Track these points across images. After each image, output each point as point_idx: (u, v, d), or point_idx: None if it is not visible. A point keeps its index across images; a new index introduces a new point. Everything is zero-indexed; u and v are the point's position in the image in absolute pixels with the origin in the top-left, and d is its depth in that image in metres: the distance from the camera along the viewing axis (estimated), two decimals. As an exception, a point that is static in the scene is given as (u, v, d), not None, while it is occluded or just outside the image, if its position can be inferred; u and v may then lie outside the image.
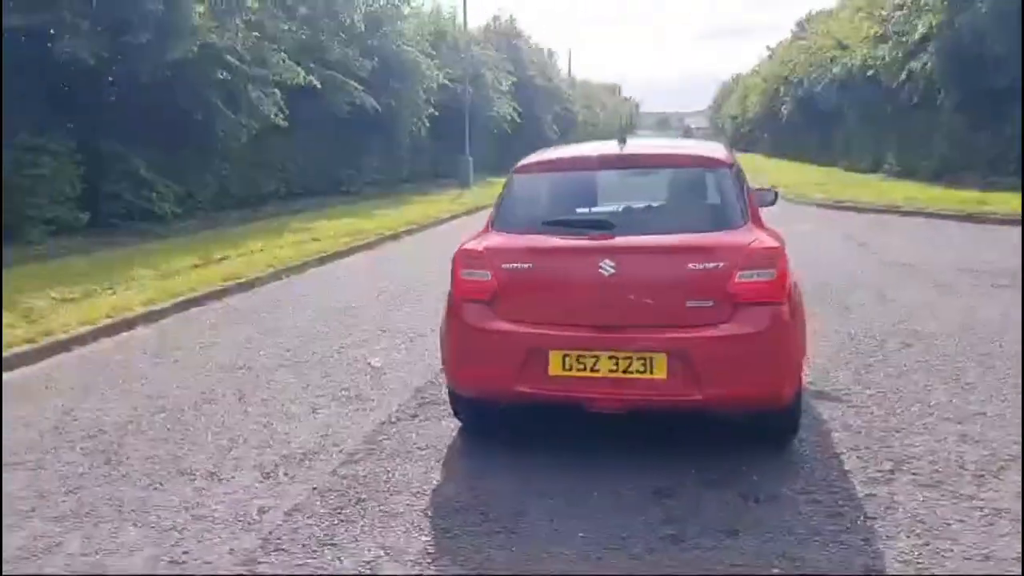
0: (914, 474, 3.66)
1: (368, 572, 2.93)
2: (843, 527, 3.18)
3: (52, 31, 11.12)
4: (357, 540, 3.18)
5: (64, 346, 6.69)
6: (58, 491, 3.77)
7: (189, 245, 11.89)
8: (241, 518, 3.41)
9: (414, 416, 4.64)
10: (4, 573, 2.69)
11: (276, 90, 15.36)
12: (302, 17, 18.47)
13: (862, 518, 3.25)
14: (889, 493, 3.47)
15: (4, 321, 7.14)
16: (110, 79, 12.51)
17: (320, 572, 2.96)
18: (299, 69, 15.68)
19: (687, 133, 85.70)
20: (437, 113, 26.05)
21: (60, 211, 12.37)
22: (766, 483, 3.59)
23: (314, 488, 3.69)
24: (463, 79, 27.24)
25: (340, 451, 4.15)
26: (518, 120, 35.42)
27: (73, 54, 11.15)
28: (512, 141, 33.09)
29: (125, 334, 7.17)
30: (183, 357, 6.23)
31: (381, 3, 22.71)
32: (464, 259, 3.92)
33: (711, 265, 3.59)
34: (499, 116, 33.95)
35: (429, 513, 3.41)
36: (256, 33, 14.44)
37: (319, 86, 16.42)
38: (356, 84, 18.97)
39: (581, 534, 3.17)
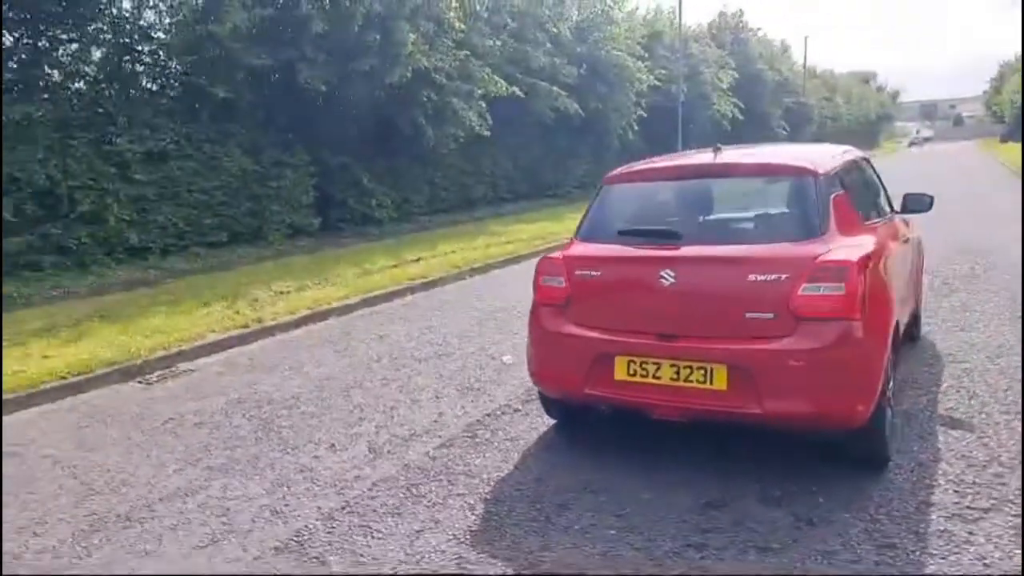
0: (1013, 516, 3.29)
1: (409, 541, 3.36)
2: (887, 558, 3.00)
3: (295, 65, 13.02)
4: (415, 512, 3.62)
5: (269, 331, 7.97)
6: (219, 447, 4.67)
7: (395, 247, 13.27)
8: (337, 483, 4.02)
9: (516, 410, 5.00)
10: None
11: (481, 102, 16.49)
12: (510, 31, 19.55)
13: (917, 553, 3.04)
14: (968, 532, 3.18)
15: (235, 308, 8.67)
16: (338, 102, 14.31)
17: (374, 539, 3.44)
18: (501, 81, 16.69)
19: (913, 143, 75.70)
20: (647, 115, 26.03)
21: (296, 216, 14.43)
22: (830, 506, 3.46)
23: (405, 464, 4.21)
24: (677, 79, 26.93)
25: (441, 435, 4.63)
26: (740, 117, 34.13)
27: (310, 83, 12.98)
28: (732, 139, 31.97)
29: (319, 324, 8.33)
30: (353, 346, 7.14)
31: (590, 13, 23.23)
32: (543, 266, 4.21)
33: (772, 277, 3.53)
34: (719, 114, 33.00)
35: (487, 496, 3.76)
36: (464, 52, 15.63)
37: (522, 95, 17.31)
38: (560, 90, 19.66)
39: (612, 532, 3.33)
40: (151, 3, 12.21)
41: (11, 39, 10.67)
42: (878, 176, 5.30)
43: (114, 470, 4.41)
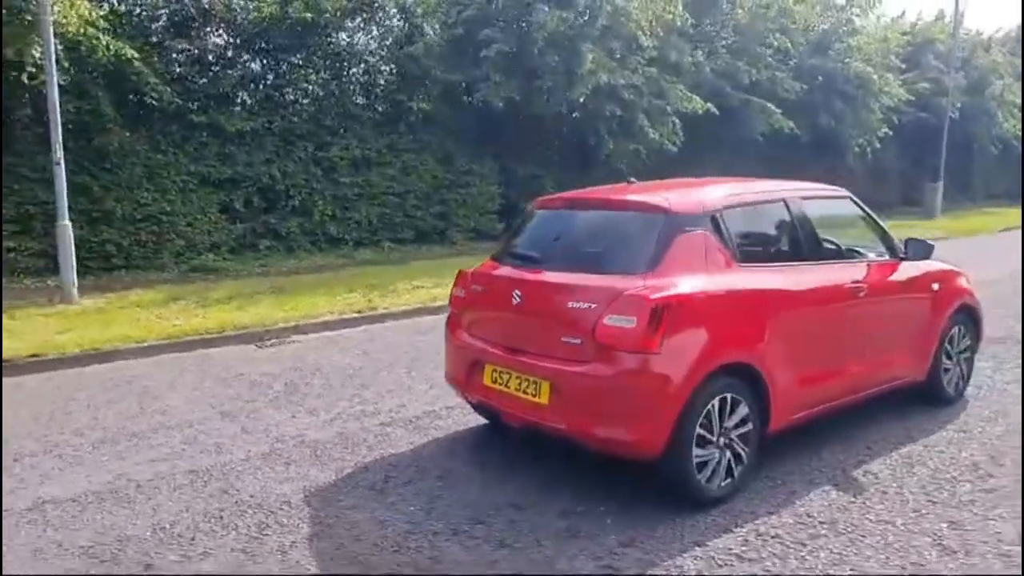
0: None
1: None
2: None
3: (476, 83, 14.46)
4: (353, 474, 4.41)
5: (380, 318, 9.27)
6: (244, 399, 5.91)
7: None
8: (282, 436, 5.00)
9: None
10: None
11: (675, 119, 16.52)
12: (728, 45, 19.13)
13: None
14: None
15: (369, 296, 10.14)
16: (524, 115, 15.44)
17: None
18: (695, 98, 16.52)
19: None
20: (904, 132, 23.55)
21: (481, 221, 15.85)
22: (610, 527, 3.63)
23: (340, 432, 5.06)
24: (947, 91, 23.94)
25: (395, 416, 5.39)
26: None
27: (486, 100, 14.31)
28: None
29: (427, 317, 9.45)
30: (425, 339, 8.10)
31: (834, 22, 21.70)
32: (457, 278, 4.78)
33: (586, 305, 3.78)
34: (1008, 133, 28.51)
35: (395, 465, 4.47)
36: (653, 69, 15.82)
37: (716, 112, 16.95)
38: (774, 107, 18.76)
39: (462, 510, 3.85)
40: (363, 30, 14.38)
41: (260, 65, 13.39)
42: (868, 215, 5.00)
43: (160, 401, 5.86)
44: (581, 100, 14.52)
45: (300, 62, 13.63)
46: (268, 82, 13.69)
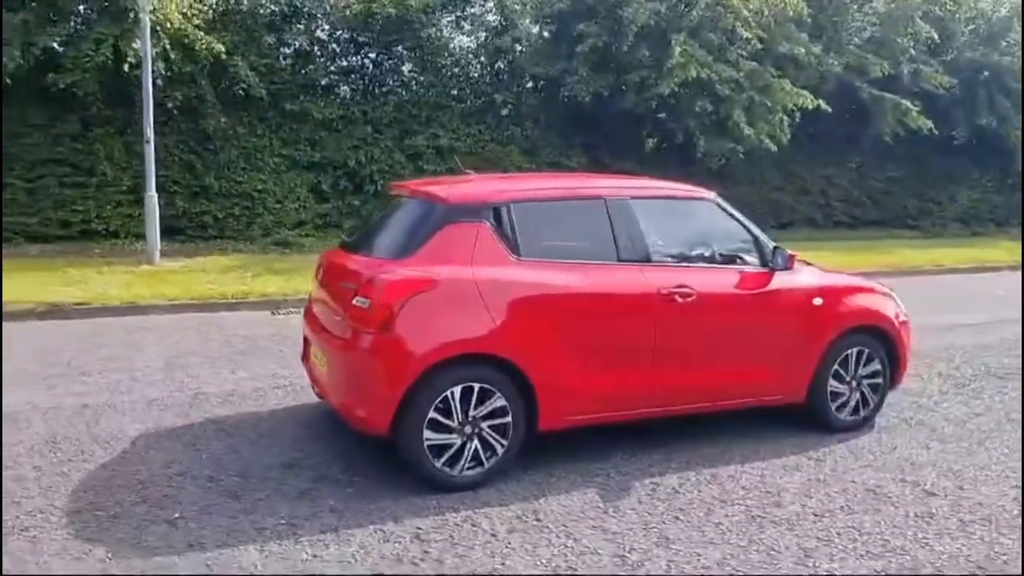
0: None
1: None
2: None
3: (564, 77, 14.53)
4: (196, 424, 5.02)
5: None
6: (213, 355, 6.70)
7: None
8: (181, 387, 5.67)
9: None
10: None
11: (782, 115, 15.51)
12: (869, 37, 17.57)
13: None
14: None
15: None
16: (614, 109, 15.26)
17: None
18: (806, 94, 15.35)
19: None
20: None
21: (565, 213, 15.93)
22: (348, 498, 3.86)
23: (259, 396, 5.57)
24: None
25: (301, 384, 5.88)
26: None
27: (574, 94, 14.35)
28: None
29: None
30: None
31: (1008, 10, 19.14)
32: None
33: (349, 285, 4.01)
34: None
35: (237, 423, 4.97)
36: (753, 63, 14.93)
37: (830, 110, 15.62)
38: (909, 104, 16.92)
39: (238, 465, 4.29)
40: (456, 24, 14.97)
41: (351, 58, 14.47)
42: (737, 221, 4.71)
43: (137, 349, 6.79)
44: (667, 94, 14.11)
45: (390, 55, 14.50)
46: (359, 74, 14.73)
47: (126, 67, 11.07)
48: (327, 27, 14.07)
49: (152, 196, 11.03)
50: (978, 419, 5.26)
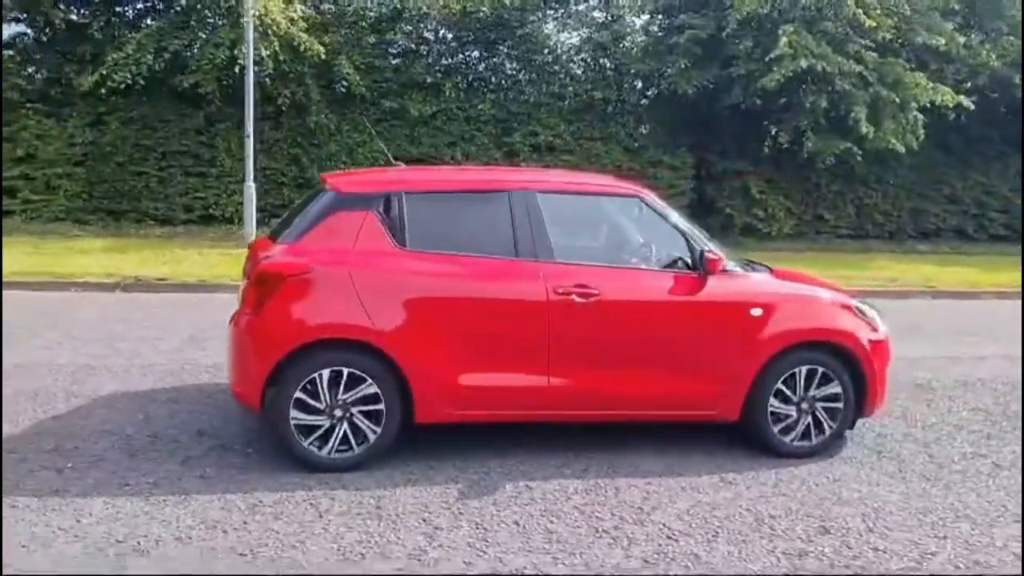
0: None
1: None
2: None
3: (666, 70, 14.06)
4: (126, 393, 5.56)
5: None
6: (179, 339, 7.29)
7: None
8: (135, 372, 6.13)
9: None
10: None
11: (916, 114, 13.99)
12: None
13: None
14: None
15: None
16: (720, 105, 14.52)
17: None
18: (945, 89, 13.70)
19: None
20: None
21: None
22: (243, 462, 4.06)
23: (194, 370, 6.04)
24: None
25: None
26: None
27: (675, 87, 13.85)
28: None
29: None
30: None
31: None
32: None
33: (249, 267, 4.21)
34: None
35: (174, 391, 5.43)
36: (874, 54, 13.53)
37: (971, 107, 13.80)
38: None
39: (147, 428, 4.68)
40: (559, 20, 14.93)
41: (450, 56, 14.91)
42: (667, 221, 4.39)
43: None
44: (773, 88, 13.21)
45: (493, 53, 14.76)
46: (463, 72, 15.11)
47: (237, 68, 12.16)
48: (432, 27, 14.58)
49: (250, 186, 12.05)
50: (969, 462, 4.54)
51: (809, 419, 4.44)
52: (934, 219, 16.91)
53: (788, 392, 4.39)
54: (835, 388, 4.43)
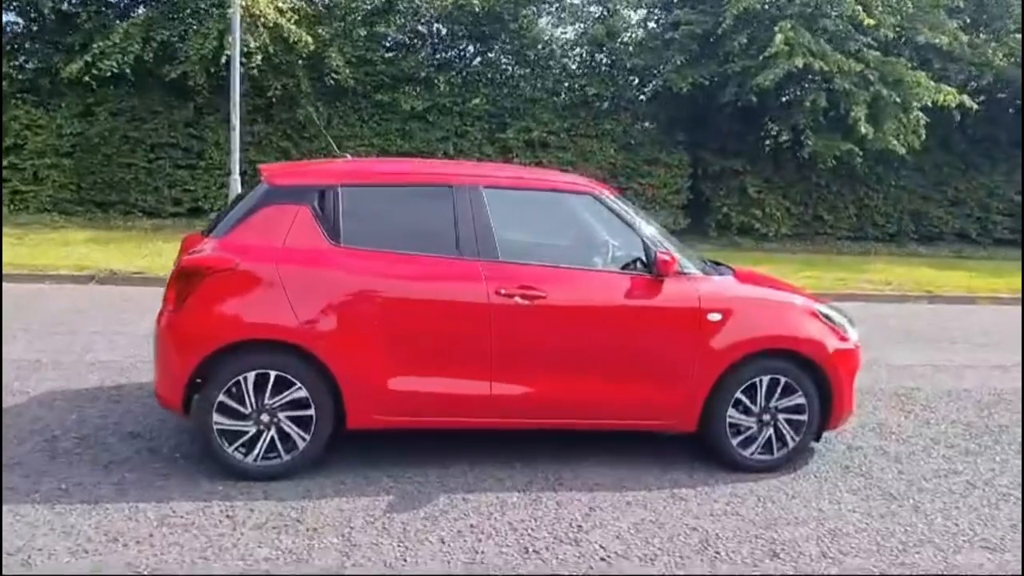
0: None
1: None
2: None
3: (662, 68, 13.76)
4: (94, 389, 5.38)
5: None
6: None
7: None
8: (96, 368, 6.00)
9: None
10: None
11: (918, 113, 13.64)
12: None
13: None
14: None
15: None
16: (717, 103, 14.21)
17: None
18: (948, 88, 13.35)
19: None
20: None
21: (661, 214, 15.10)
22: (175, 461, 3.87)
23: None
24: None
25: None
26: None
27: (669, 84, 13.58)
28: None
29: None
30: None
31: None
32: None
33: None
34: None
35: (135, 388, 5.24)
36: (876, 52, 13.20)
37: (974, 107, 13.44)
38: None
39: (102, 421, 4.51)
40: (553, 15, 14.66)
41: (442, 50, 14.67)
42: (621, 220, 4.14)
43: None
44: (769, 86, 12.89)
45: (487, 48, 14.51)
46: (456, 66, 14.87)
47: (223, 59, 11.96)
48: (425, 20, 14.34)
49: (235, 178, 11.84)
50: (941, 479, 4.29)
51: (771, 431, 4.19)
52: (936, 222, 16.53)
53: (748, 403, 4.14)
54: (799, 399, 4.18)
